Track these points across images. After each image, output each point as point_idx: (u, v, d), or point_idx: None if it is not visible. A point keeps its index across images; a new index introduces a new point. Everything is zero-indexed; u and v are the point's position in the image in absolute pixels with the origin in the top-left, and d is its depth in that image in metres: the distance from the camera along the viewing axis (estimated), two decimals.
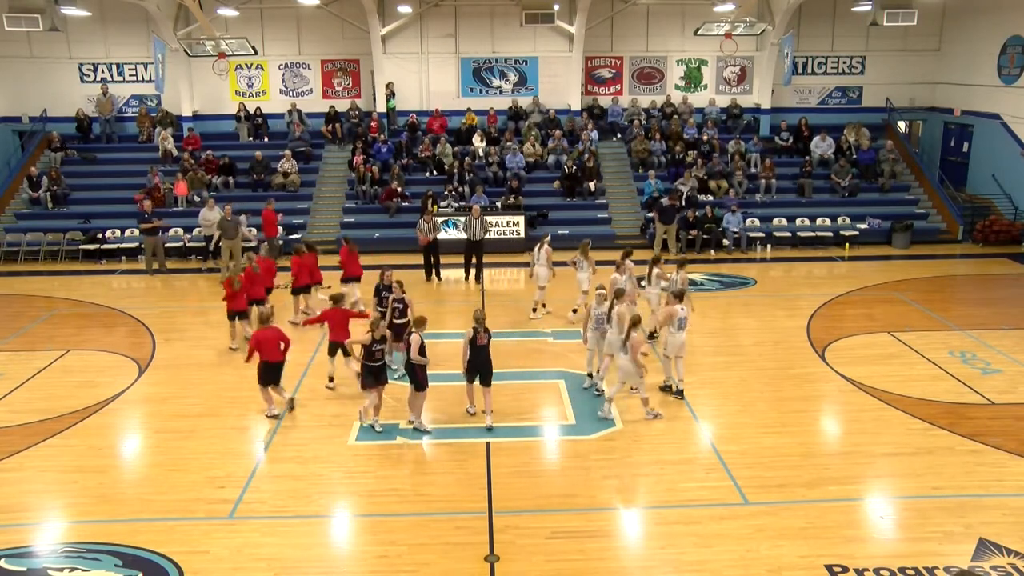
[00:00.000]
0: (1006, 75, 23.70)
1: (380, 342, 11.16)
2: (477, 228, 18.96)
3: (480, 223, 18.99)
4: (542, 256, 16.46)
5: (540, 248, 16.57)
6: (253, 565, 8.41)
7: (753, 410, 12.07)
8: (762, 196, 23.70)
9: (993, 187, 24.08)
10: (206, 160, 24.10)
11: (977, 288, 19.19)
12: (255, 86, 26.56)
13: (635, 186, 24.33)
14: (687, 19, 26.02)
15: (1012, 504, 9.42)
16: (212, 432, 11.48)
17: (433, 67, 26.35)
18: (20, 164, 24.58)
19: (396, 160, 24.39)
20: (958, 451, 10.71)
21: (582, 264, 16.16)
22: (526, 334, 15.45)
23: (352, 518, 9.47)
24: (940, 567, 8.22)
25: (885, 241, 22.74)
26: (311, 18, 25.83)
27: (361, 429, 11.45)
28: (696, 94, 26.97)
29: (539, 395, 12.70)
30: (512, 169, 24.09)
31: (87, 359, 14.50)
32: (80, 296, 18.43)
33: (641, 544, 8.89)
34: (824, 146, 25.04)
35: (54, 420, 11.85)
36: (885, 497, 9.72)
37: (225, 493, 9.78)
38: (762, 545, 8.62)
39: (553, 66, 26.35)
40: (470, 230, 19.02)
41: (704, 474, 10.19)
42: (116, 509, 9.50)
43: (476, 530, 8.99)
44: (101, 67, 26.05)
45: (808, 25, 26.39)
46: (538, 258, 16.50)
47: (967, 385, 12.89)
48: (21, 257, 21.74)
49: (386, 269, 13.83)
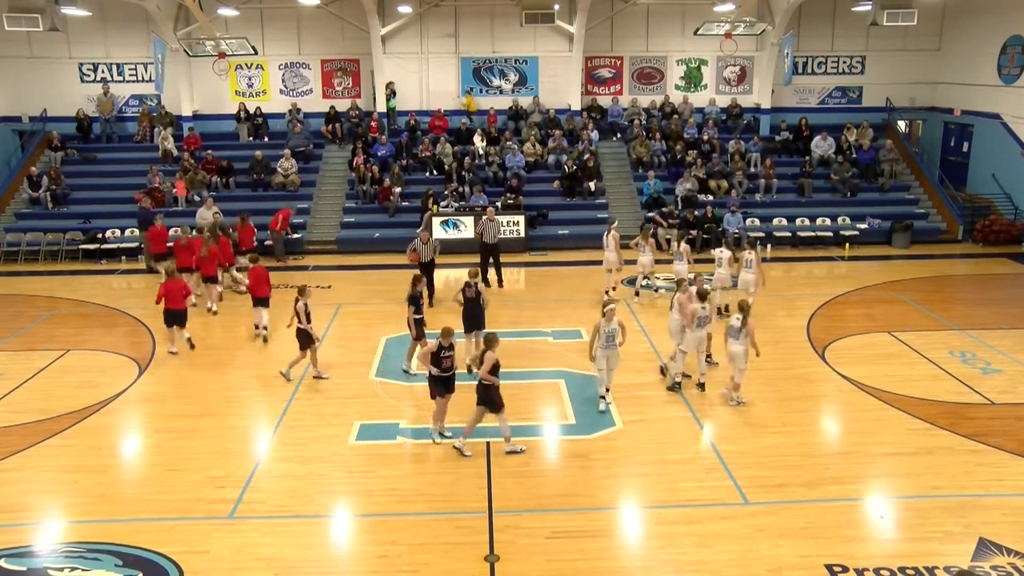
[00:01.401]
0: (1006, 75, 23.70)
1: (448, 349, 10.77)
2: (494, 230, 18.70)
3: (496, 225, 18.81)
4: (610, 242, 17.54)
5: (608, 234, 17.68)
6: (253, 565, 8.41)
7: (753, 410, 12.06)
8: (762, 196, 23.71)
9: (993, 187, 24.09)
10: (206, 160, 24.10)
11: (977, 288, 19.19)
12: (255, 86, 26.56)
13: (635, 186, 24.33)
14: (687, 19, 26.02)
15: (1012, 504, 9.42)
16: (212, 432, 11.48)
17: (433, 67, 26.35)
18: (20, 164, 24.58)
19: (396, 160, 24.40)
20: (958, 451, 10.71)
21: (643, 248, 17.40)
22: (526, 334, 15.44)
23: (352, 518, 9.47)
24: (940, 567, 8.22)
25: (885, 241, 22.75)
26: (311, 18, 25.83)
27: (361, 428, 11.45)
28: (696, 94, 26.97)
29: (539, 395, 12.70)
30: (512, 169, 24.09)
31: (87, 359, 14.50)
32: (80, 296, 18.43)
33: (641, 544, 8.89)
34: (824, 146, 25.05)
35: (54, 420, 11.85)
36: (885, 497, 9.72)
37: (225, 493, 9.77)
38: (762, 545, 8.62)
39: (553, 66, 26.35)
40: (487, 233, 18.64)
41: (704, 474, 10.18)
42: (116, 509, 9.50)
43: (476, 530, 8.99)
44: (101, 67, 26.05)
45: (808, 25, 26.39)
46: (607, 243, 17.58)
47: (967, 385, 12.89)
48: (21, 257, 21.75)
49: (419, 279, 13.66)
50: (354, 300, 18.03)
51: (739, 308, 12.04)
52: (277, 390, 12.89)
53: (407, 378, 13.36)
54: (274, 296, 15.73)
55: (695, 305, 12.43)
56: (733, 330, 11.93)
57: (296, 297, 13.04)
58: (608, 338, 11.77)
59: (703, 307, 12.47)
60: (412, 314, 13.23)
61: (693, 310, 12.40)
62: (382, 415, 11.99)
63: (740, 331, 11.80)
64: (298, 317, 12.87)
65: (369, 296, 18.33)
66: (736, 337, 11.87)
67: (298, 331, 12.96)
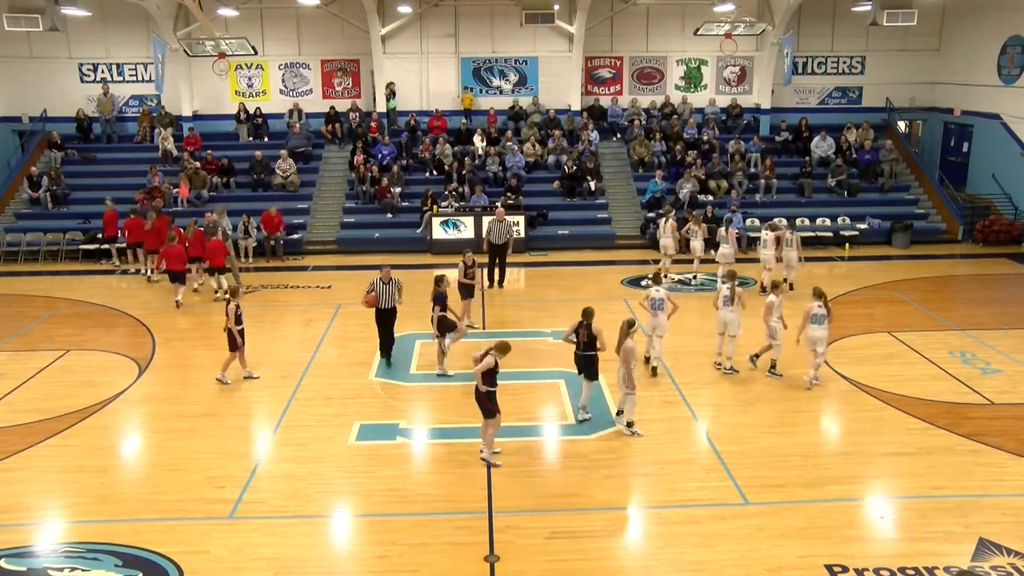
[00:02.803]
0: (1006, 75, 23.70)
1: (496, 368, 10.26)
2: (503, 231, 18.49)
3: (505, 226, 18.54)
4: (667, 229, 18.77)
5: (666, 222, 18.96)
6: (253, 565, 8.41)
7: (753, 410, 12.07)
8: (762, 196, 23.70)
9: (993, 187, 24.09)
10: (206, 160, 24.10)
11: (977, 288, 19.18)
12: (255, 86, 26.57)
13: (635, 186, 24.34)
14: (687, 19, 26.02)
15: (1012, 504, 9.42)
16: (212, 432, 11.48)
17: (433, 67, 26.36)
18: (20, 164, 24.59)
19: (396, 160, 24.40)
20: (958, 451, 10.71)
21: (695, 233, 18.62)
22: (526, 334, 15.44)
23: (352, 518, 9.47)
24: (940, 567, 8.22)
25: (885, 241, 22.75)
26: (311, 18, 25.83)
27: (361, 429, 11.45)
28: (696, 94, 26.97)
29: (539, 395, 12.70)
30: (512, 169, 24.08)
31: (87, 359, 14.50)
32: (80, 296, 18.43)
33: (641, 544, 8.89)
34: (824, 146, 25.04)
35: (54, 420, 11.84)
36: (885, 497, 9.72)
37: (225, 493, 9.77)
38: (762, 545, 8.62)
39: (553, 66, 26.36)
40: (494, 233, 18.47)
41: (704, 474, 10.18)
42: (116, 509, 9.50)
43: (476, 530, 8.98)
44: (101, 67, 26.06)
45: (808, 25, 26.40)
46: (664, 230, 18.82)
47: (967, 385, 12.89)
48: (21, 257, 21.75)
49: (442, 278, 13.47)
50: (354, 300, 17.93)
51: (729, 277, 13.14)
52: (277, 390, 12.89)
53: (407, 378, 13.36)
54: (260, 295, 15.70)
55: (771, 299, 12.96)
56: (726, 299, 13.02)
57: (228, 299, 13.16)
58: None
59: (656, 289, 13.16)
60: (437, 312, 13.16)
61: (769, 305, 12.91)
62: (382, 415, 12.00)
63: (732, 299, 12.97)
64: (228, 318, 12.91)
65: None
66: (728, 306, 12.98)
67: (228, 332, 13.00)
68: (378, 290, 13.48)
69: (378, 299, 13.50)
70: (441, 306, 13.19)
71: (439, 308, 13.18)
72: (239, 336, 12.99)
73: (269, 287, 19.09)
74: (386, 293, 13.52)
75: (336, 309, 17.22)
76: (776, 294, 13.05)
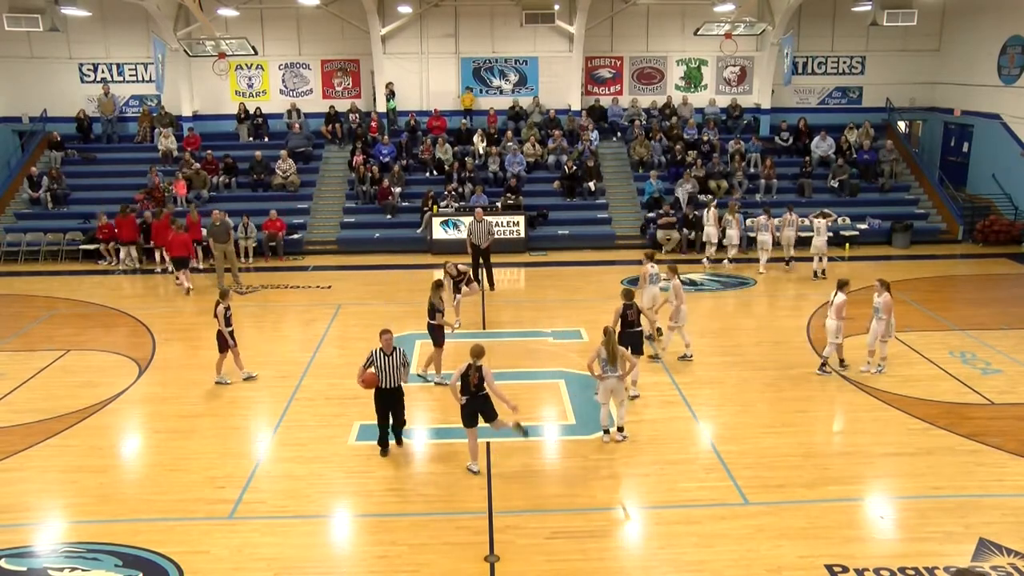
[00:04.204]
0: (1006, 75, 23.70)
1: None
2: (482, 233, 18.14)
3: (484, 226, 18.15)
4: (710, 217, 20.28)
5: (708, 211, 20.46)
6: (253, 565, 8.41)
7: (753, 410, 12.06)
8: (762, 196, 23.69)
9: (993, 187, 24.08)
10: (206, 160, 24.10)
11: (977, 288, 19.17)
12: (255, 86, 26.57)
13: (635, 186, 24.34)
14: (687, 19, 26.02)
15: (1012, 504, 9.42)
16: (212, 432, 11.48)
17: (433, 67, 26.35)
18: (20, 164, 24.59)
19: (396, 160, 24.39)
20: (958, 451, 10.70)
21: (730, 222, 20.02)
22: (526, 334, 15.44)
23: (352, 518, 9.47)
24: (940, 567, 8.22)
25: (885, 241, 22.75)
26: (311, 18, 25.83)
27: (361, 428, 11.45)
28: (696, 94, 26.96)
29: (539, 395, 12.69)
30: (512, 169, 24.08)
31: (87, 359, 14.50)
32: (80, 296, 18.43)
33: (641, 544, 8.89)
34: (824, 146, 25.04)
35: (54, 420, 11.84)
36: (885, 497, 9.71)
37: (225, 493, 9.77)
38: (762, 545, 8.62)
39: (553, 66, 26.35)
40: (474, 235, 18.21)
41: (704, 474, 10.18)
42: (116, 509, 9.50)
43: (476, 530, 8.98)
44: (101, 67, 26.06)
45: (808, 25, 26.39)
46: (707, 219, 20.35)
47: (967, 385, 12.89)
48: (21, 257, 21.75)
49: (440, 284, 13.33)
50: (354, 300, 18.03)
51: (670, 270, 13.74)
52: (277, 390, 12.90)
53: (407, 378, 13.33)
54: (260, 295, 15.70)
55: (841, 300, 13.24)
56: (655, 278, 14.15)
57: (217, 301, 13.08)
58: (604, 368, 10.61)
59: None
60: (428, 320, 13.01)
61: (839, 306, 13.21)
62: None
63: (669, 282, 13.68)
64: (217, 320, 12.91)
65: (369, 296, 18.34)
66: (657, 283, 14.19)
67: (217, 334, 13.00)
68: (378, 363, 10.40)
69: (378, 377, 10.47)
70: (432, 316, 13.09)
71: (438, 315, 13.12)
72: (229, 337, 12.99)
73: (269, 287, 19.10)
74: (389, 367, 10.41)
75: (336, 309, 17.22)
76: (844, 292, 13.19)
